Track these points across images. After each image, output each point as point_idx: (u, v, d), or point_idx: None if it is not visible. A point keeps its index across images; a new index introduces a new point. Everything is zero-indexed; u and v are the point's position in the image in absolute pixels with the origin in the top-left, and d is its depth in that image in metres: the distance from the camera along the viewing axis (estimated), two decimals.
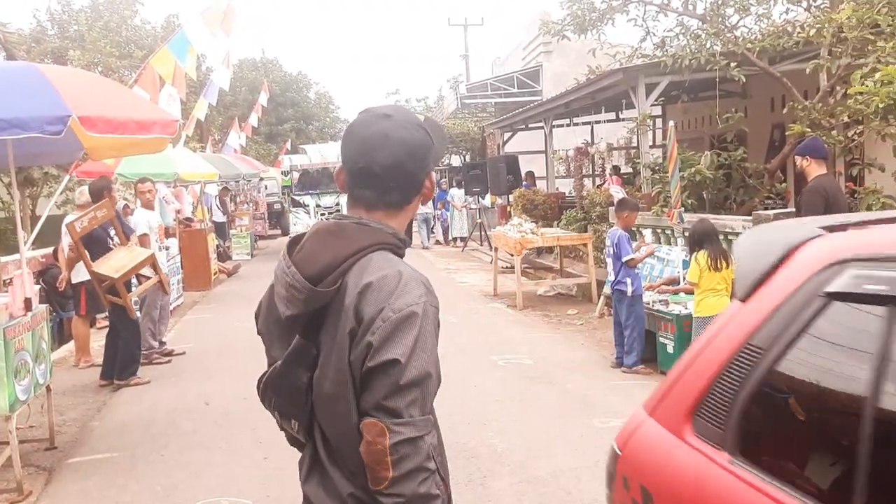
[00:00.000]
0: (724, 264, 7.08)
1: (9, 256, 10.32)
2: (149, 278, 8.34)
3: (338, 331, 1.75)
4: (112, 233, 8.14)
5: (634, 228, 9.92)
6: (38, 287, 6.90)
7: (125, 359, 8.10)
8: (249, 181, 25.35)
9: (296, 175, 24.94)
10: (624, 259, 7.87)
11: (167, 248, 10.80)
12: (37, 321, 5.88)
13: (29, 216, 18.05)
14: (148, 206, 9.47)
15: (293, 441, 1.96)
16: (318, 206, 22.95)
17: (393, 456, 1.65)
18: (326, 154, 24.30)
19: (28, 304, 5.74)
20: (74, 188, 13.74)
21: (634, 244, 8.50)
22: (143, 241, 8.81)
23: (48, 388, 6.24)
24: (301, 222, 22.38)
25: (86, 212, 7.74)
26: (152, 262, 8.09)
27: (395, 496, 1.66)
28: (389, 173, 1.82)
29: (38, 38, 25.15)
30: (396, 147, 1.82)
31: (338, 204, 22.02)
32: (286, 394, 1.84)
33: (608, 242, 8.23)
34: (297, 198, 24.68)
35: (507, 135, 22.33)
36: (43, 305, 6.33)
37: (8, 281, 9.43)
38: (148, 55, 16.72)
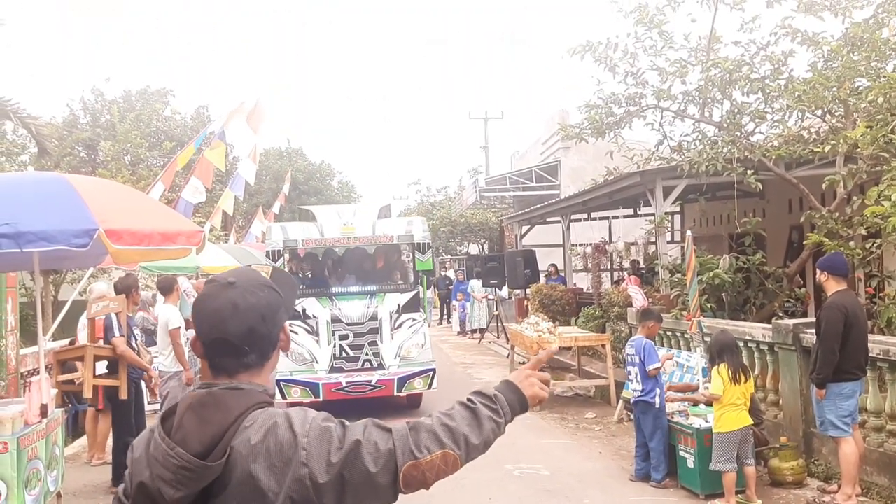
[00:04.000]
0: (743, 377, 7.00)
1: (29, 349, 10.38)
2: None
3: (250, 494, 1.74)
4: (135, 331, 8.21)
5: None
6: (54, 392, 6.91)
7: (119, 461, 7.81)
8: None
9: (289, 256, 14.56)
10: (649, 368, 7.75)
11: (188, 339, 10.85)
12: (52, 427, 5.89)
13: (51, 302, 18.24)
14: (176, 301, 9.58)
15: None
16: (335, 320, 11.39)
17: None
18: (350, 219, 12.74)
19: (44, 410, 5.75)
20: (97, 275, 13.94)
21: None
22: (174, 335, 8.94)
23: (59, 495, 6.19)
24: (300, 355, 11.39)
25: (102, 300, 7.89)
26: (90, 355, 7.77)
27: None
28: (243, 341, 1.86)
29: (71, 128, 25.92)
30: (246, 314, 1.86)
31: (374, 319, 11.48)
32: None
33: (631, 351, 8.12)
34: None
35: (524, 228, 22.49)
36: (59, 410, 6.34)
37: (27, 374, 9.49)
38: (177, 146, 17.19)
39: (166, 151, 21.93)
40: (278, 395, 10.16)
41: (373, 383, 10.85)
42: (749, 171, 10.55)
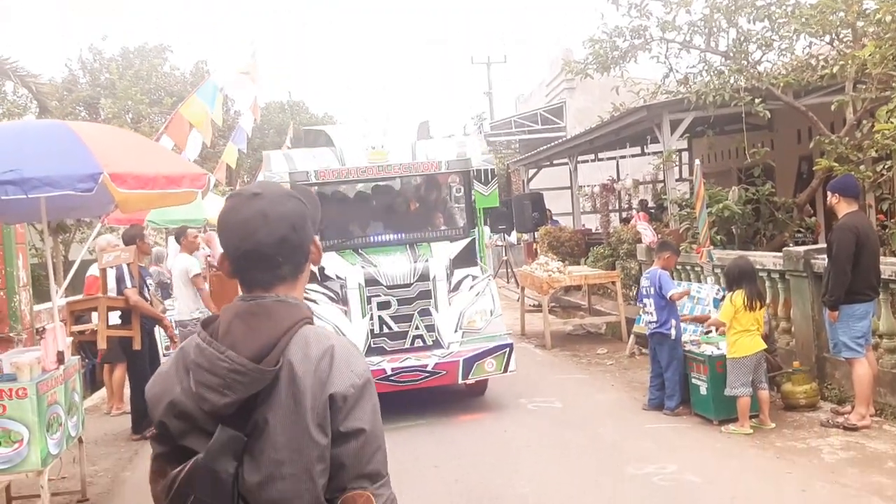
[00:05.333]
0: (759, 304, 7.00)
1: (42, 305, 10.45)
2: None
3: (292, 409, 1.73)
4: (148, 282, 8.25)
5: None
6: (69, 339, 6.96)
7: (137, 409, 7.98)
8: None
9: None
10: (669, 293, 7.73)
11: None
12: (69, 374, 5.93)
13: (62, 262, 18.32)
14: (191, 251, 9.64)
15: None
16: (371, 282, 8.24)
17: None
18: (380, 140, 9.11)
19: (60, 357, 5.79)
20: (105, 233, 13.96)
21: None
22: (197, 281, 9.08)
23: (80, 440, 6.27)
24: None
25: (113, 251, 7.94)
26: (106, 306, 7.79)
27: None
28: (276, 251, 1.83)
29: (70, 88, 25.73)
30: (277, 223, 1.82)
31: (425, 279, 8.41)
32: (210, 487, 1.71)
33: (646, 283, 8.09)
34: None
35: (531, 171, 22.36)
36: (75, 357, 6.39)
37: (41, 331, 9.56)
38: (177, 102, 17.04)
39: (167, 107, 21.76)
40: None
41: (429, 368, 7.77)
42: (757, 100, 10.41)
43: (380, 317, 7.99)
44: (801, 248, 8.35)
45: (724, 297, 7.67)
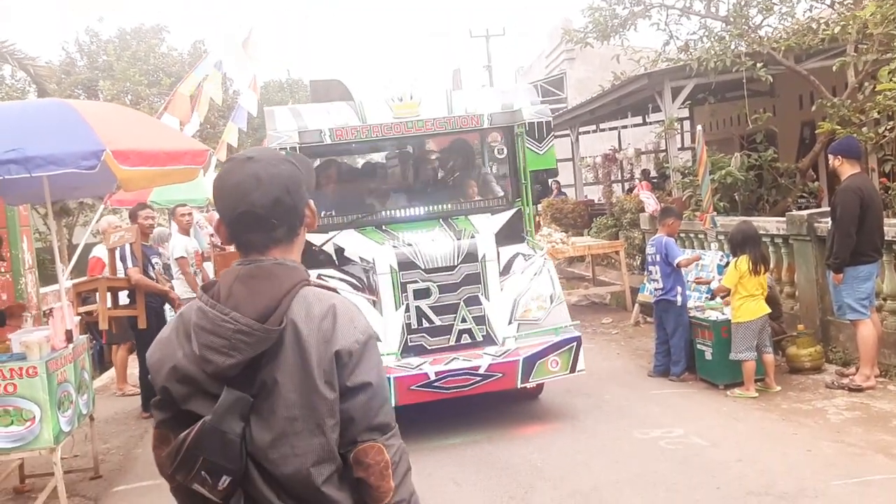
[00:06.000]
0: (763, 268, 7.01)
1: (48, 287, 10.49)
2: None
3: (300, 367, 1.77)
4: (154, 260, 8.26)
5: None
6: (77, 318, 7.01)
7: (147, 387, 7.94)
8: None
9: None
10: (676, 260, 7.72)
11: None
12: (78, 352, 5.97)
13: (66, 245, 18.37)
14: (185, 230, 9.62)
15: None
16: (406, 264, 6.61)
17: (393, 468, 1.81)
18: (408, 92, 7.42)
19: (69, 335, 5.83)
20: (107, 215, 13.98)
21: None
22: (181, 264, 9.04)
23: (91, 418, 6.32)
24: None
25: (118, 231, 7.96)
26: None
27: (399, 503, 1.84)
28: (271, 213, 1.85)
29: (68, 70, 25.63)
30: (270, 185, 1.84)
31: (472, 259, 6.74)
32: (219, 448, 1.74)
33: (651, 251, 8.09)
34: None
35: None
36: (83, 336, 6.43)
37: (48, 312, 9.62)
38: (176, 82, 17.00)
39: (166, 88, 21.68)
40: None
41: (482, 371, 6.18)
42: (758, 65, 10.35)
43: (418, 308, 6.46)
44: (805, 212, 8.35)
45: (728, 263, 7.68)
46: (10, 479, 6.24)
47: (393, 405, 4.21)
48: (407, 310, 6.46)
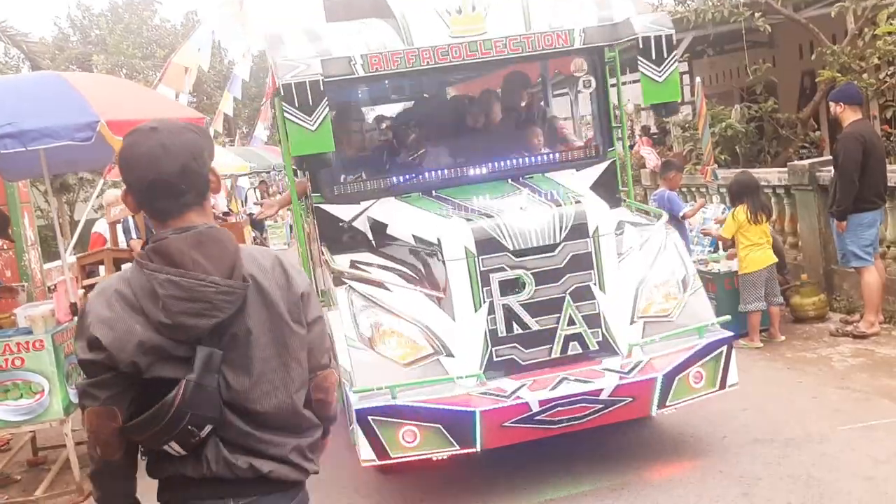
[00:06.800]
0: (764, 217, 6.98)
1: (52, 263, 10.53)
2: None
3: (267, 314, 1.99)
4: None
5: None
6: (81, 291, 7.04)
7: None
8: (280, 171, 25.48)
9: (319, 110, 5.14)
10: (681, 213, 7.70)
11: None
12: None
13: (68, 222, 18.40)
14: None
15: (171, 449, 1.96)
16: (488, 246, 4.50)
17: (337, 387, 2.25)
18: (468, 3, 5.15)
19: (73, 308, 5.85)
20: (109, 188, 13.97)
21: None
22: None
23: None
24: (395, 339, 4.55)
25: (119, 204, 7.97)
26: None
27: (335, 416, 2.24)
28: (179, 178, 1.94)
29: (62, 46, 25.46)
30: (177, 153, 1.93)
31: (579, 235, 4.62)
32: (205, 403, 1.90)
33: (655, 205, 8.06)
34: (380, 217, 5.52)
35: None
36: None
37: (52, 288, 9.65)
38: (170, 54, 16.88)
39: (160, 60, 21.54)
40: (364, 443, 4.23)
41: (606, 395, 4.32)
42: (756, 15, 10.23)
43: (506, 307, 4.48)
44: (806, 162, 8.30)
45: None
46: (23, 452, 6.31)
47: (478, 447, 4.15)
48: (491, 310, 4.48)
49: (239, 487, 1.99)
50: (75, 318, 5.84)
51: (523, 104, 6.46)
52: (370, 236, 5.44)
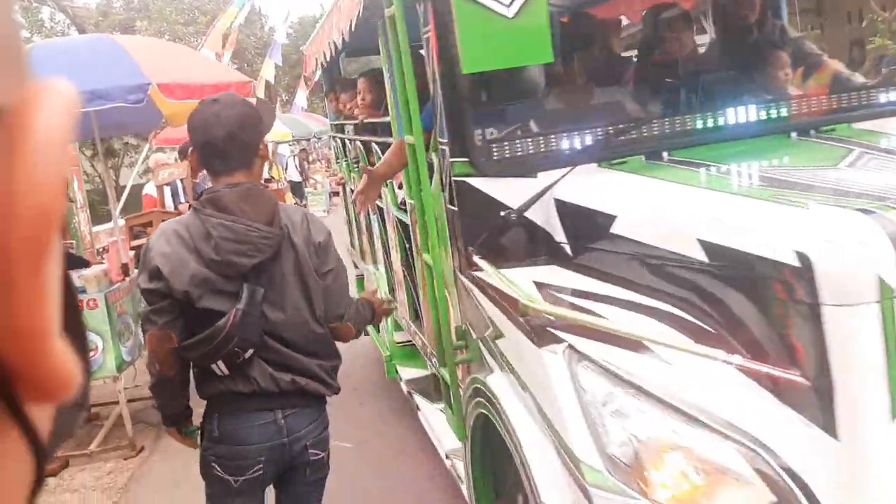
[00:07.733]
0: None
1: (101, 226, 10.73)
2: None
3: (296, 260, 2.34)
4: None
5: None
6: (132, 252, 7.19)
7: None
8: (320, 139, 25.55)
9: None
10: None
11: None
12: (134, 285, 6.13)
13: (113, 187, 18.67)
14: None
15: (207, 368, 2.35)
16: None
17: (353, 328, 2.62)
18: None
19: (125, 269, 5.98)
20: (156, 153, 14.14)
21: None
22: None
23: None
24: None
25: (167, 168, 8.07)
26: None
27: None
28: (225, 143, 2.27)
29: (105, 12, 25.70)
30: (226, 122, 2.26)
31: None
32: (250, 329, 2.27)
33: None
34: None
35: None
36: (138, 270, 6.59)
37: (102, 250, 9.86)
38: (212, 20, 16.96)
39: (202, 26, 21.65)
40: None
41: None
42: None
43: None
44: None
45: None
46: None
47: None
48: None
49: (284, 400, 2.38)
50: (127, 279, 5.98)
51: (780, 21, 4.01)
52: (561, 236, 2.80)
